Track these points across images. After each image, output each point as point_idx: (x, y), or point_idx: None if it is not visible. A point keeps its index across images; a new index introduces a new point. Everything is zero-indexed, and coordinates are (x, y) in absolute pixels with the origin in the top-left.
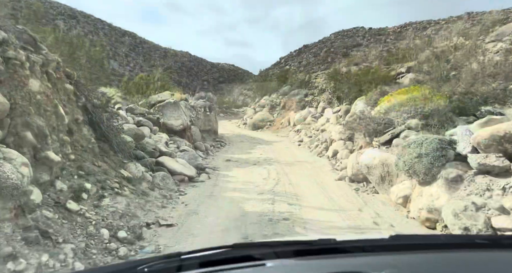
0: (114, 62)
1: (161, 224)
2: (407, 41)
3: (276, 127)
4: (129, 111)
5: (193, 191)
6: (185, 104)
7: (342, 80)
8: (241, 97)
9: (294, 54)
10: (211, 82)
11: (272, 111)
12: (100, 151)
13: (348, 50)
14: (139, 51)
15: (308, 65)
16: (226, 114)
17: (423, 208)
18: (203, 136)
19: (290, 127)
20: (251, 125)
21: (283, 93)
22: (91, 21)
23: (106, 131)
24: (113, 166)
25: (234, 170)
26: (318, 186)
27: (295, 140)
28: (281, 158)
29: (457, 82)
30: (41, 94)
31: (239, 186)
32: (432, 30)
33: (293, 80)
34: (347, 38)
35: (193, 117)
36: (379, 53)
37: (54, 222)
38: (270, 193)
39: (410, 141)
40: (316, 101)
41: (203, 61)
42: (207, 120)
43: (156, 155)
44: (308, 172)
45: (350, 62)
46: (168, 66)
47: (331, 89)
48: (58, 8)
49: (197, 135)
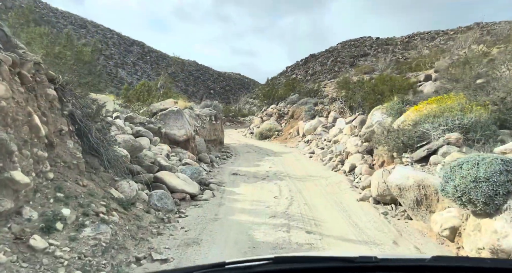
0: (122, 71)
1: (154, 259)
2: (417, 50)
3: (284, 137)
4: (128, 120)
5: (195, 212)
6: (190, 113)
7: (355, 89)
8: (247, 105)
9: (301, 63)
10: (217, 91)
11: (280, 120)
12: (88, 167)
13: (355, 60)
14: (147, 60)
15: (315, 74)
16: (232, 123)
17: (484, 247)
18: (208, 146)
19: (299, 137)
20: (258, 134)
21: (291, 101)
22: (101, 30)
23: (96, 144)
24: (102, 185)
25: (241, 186)
26: (338, 207)
27: (306, 151)
28: (292, 171)
29: (492, 91)
30: (8, 100)
31: (247, 207)
32: (441, 40)
33: (301, 89)
34: (354, 47)
35: (198, 126)
36: (390, 62)
37: (7, 267)
38: (284, 216)
39: (460, 160)
40: (327, 111)
41: (209, 70)
42: (212, 129)
43: (155, 170)
44: (324, 189)
45: (360, 71)
46: (172, 72)
47: (343, 98)
48: (69, 18)
49: (202, 146)
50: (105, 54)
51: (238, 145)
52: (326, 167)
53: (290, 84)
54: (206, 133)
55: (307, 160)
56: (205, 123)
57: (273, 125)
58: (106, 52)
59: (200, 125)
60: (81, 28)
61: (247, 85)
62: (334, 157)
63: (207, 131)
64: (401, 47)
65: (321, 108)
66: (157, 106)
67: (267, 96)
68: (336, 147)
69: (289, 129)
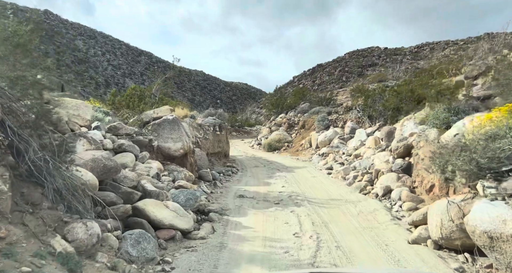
0: (129, 81)
1: None
2: (431, 59)
3: (295, 149)
4: (111, 131)
5: (186, 261)
6: (190, 122)
7: (374, 96)
8: (254, 115)
9: (308, 73)
10: (224, 100)
11: (290, 131)
12: (21, 202)
13: (363, 70)
14: (154, 70)
15: (322, 84)
16: (239, 133)
17: None
18: (211, 160)
19: (312, 149)
20: (267, 146)
21: (302, 111)
22: (109, 41)
23: (35, 167)
24: (39, 232)
25: (249, 215)
26: (385, 254)
27: (322, 166)
28: (311, 193)
29: None
30: None
31: (259, 249)
32: (451, 50)
33: (312, 97)
34: (362, 57)
35: (200, 138)
36: (406, 70)
37: None
38: (311, 268)
39: None
40: (342, 120)
41: (216, 80)
42: (216, 140)
43: (135, 199)
44: (357, 221)
45: (374, 79)
46: (169, 76)
47: (360, 106)
48: (78, 29)
49: (203, 160)
50: (113, 64)
51: (245, 158)
52: (351, 188)
53: (300, 92)
54: (209, 145)
55: (326, 178)
56: (208, 134)
57: (283, 135)
58: (114, 62)
59: (203, 136)
60: (90, 38)
61: (254, 94)
62: (359, 175)
63: (210, 143)
64: (410, 57)
65: (335, 118)
66: (149, 114)
67: (275, 105)
68: (359, 163)
69: (300, 140)
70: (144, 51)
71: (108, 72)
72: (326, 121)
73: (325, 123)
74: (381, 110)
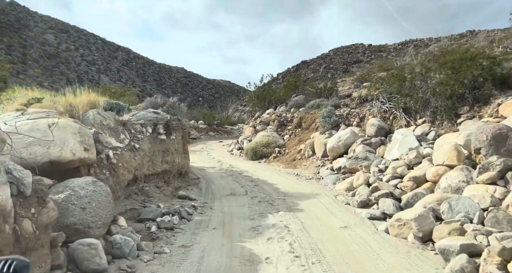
0: (105, 77)
1: None
2: (419, 55)
3: (290, 157)
4: None
5: None
6: (101, 120)
7: (413, 79)
8: (237, 113)
9: (292, 70)
10: (206, 98)
11: (282, 131)
12: None
13: (348, 66)
14: (132, 66)
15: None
16: (217, 133)
17: None
18: (145, 191)
19: (317, 158)
20: (250, 152)
21: (295, 104)
22: (83, 35)
23: None
24: None
25: None
26: None
27: (344, 193)
28: None
29: None
30: None
31: None
32: (435, 47)
33: (309, 87)
34: (347, 54)
35: (121, 148)
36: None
37: None
38: None
39: None
40: (357, 116)
41: (198, 77)
42: (159, 151)
43: None
44: None
45: (380, 67)
46: None
47: (385, 96)
48: (49, 22)
49: (98, 211)
50: (87, 60)
51: (217, 173)
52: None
53: (292, 84)
54: (139, 161)
55: (371, 234)
56: (141, 140)
57: (272, 137)
58: (88, 58)
59: (128, 145)
60: (62, 32)
61: (237, 92)
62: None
63: (141, 157)
64: (395, 53)
65: (347, 113)
66: None
67: (261, 98)
68: (449, 205)
69: (297, 144)
70: (121, 47)
71: (82, 68)
72: (334, 117)
73: (333, 120)
74: (428, 100)
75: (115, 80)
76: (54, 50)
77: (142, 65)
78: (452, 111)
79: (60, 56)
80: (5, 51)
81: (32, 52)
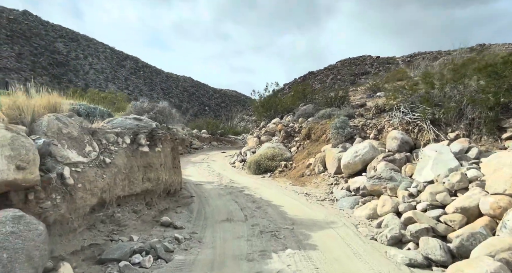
0: (112, 85)
1: None
2: (428, 68)
3: (298, 172)
4: None
5: None
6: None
7: (444, 86)
8: (243, 123)
9: (299, 81)
10: (212, 107)
11: (289, 142)
12: None
13: (356, 78)
14: (140, 75)
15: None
16: (221, 143)
17: None
18: (116, 218)
19: (330, 175)
20: (253, 165)
21: (304, 114)
22: (93, 44)
23: None
24: None
25: None
26: None
27: (366, 222)
28: None
29: None
30: None
31: None
32: (445, 59)
33: (318, 97)
34: (355, 66)
35: (85, 163)
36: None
37: None
38: None
39: None
40: (374, 127)
41: (205, 87)
42: (139, 167)
43: None
44: None
45: (393, 77)
46: None
47: (407, 106)
48: (59, 31)
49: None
50: (96, 68)
51: (215, 189)
52: None
53: (300, 92)
54: (108, 180)
55: None
56: (114, 153)
57: (278, 149)
58: (97, 66)
59: (91, 160)
60: (72, 41)
61: (243, 102)
62: None
63: (112, 174)
64: (403, 65)
65: (362, 124)
66: None
67: (266, 107)
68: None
69: (306, 157)
70: (130, 56)
71: (90, 76)
72: (348, 128)
73: (347, 131)
74: (461, 110)
75: (122, 89)
76: (63, 58)
77: (150, 74)
78: (495, 124)
79: (69, 64)
80: (15, 59)
81: (42, 60)
